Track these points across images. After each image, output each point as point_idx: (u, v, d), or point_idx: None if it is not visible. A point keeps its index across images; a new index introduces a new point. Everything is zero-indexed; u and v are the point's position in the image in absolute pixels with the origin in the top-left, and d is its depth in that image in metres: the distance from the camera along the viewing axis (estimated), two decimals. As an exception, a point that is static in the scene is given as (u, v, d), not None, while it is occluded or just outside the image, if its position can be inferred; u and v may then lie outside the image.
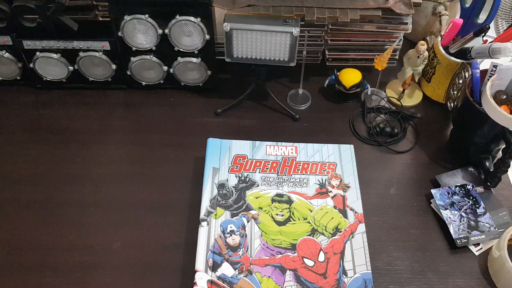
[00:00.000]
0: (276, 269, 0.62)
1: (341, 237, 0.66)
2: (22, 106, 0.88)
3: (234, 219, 0.67)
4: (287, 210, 0.68)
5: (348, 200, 0.70)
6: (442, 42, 0.84)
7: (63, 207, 0.73)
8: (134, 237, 0.70)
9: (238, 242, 0.65)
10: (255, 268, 0.62)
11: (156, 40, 0.81)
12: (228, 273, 0.61)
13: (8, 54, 0.83)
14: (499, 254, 0.65)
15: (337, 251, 0.64)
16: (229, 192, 0.69)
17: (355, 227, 0.67)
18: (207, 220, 0.67)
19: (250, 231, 0.66)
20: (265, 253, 0.64)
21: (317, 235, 0.66)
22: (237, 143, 0.76)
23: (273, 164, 0.73)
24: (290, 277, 0.62)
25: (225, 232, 0.65)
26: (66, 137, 0.83)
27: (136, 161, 0.80)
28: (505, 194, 0.77)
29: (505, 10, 0.96)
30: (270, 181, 0.71)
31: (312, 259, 0.63)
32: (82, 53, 0.83)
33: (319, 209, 0.69)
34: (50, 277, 0.66)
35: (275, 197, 0.70)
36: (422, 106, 0.90)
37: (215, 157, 0.74)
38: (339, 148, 0.76)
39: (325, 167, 0.73)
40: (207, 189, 0.70)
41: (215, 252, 0.63)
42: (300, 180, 0.72)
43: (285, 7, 0.83)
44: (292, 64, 0.80)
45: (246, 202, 0.69)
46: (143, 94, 0.90)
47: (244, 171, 0.72)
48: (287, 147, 0.76)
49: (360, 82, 0.87)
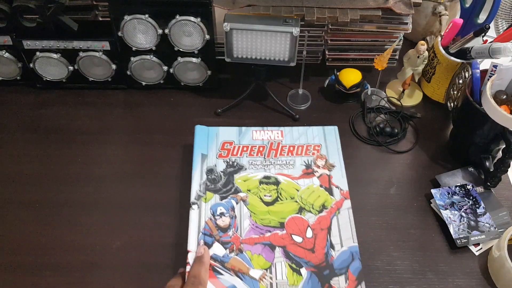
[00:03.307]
0: (265, 246, 0.65)
1: (328, 214, 0.68)
2: (22, 106, 0.88)
3: (223, 202, 0.69)
4: (274, 191, 0.70)
5: (333, 178, 0.72)
6: (442, 42, 0.84)
7: (63, 207, 0.73)
8: (134, 237, 0.70)
9: (228, 223, 0.66)
10: (245, 246, 0.64)
11: (156, 40, 0.81)
12: (220, 252, 0.63)
13: (8, 54, 0.84)
14: (499, 254, 0.65)
15: (324, 227, 0.67)
16: (218, 177, 0.71)
17: (341, 203, 0.69)
18: (197, 203, 0.68)
19: (239, 212, 0.68)
20: (254, 232, 0.66)
21: (304, 213, 0.68)
22: (224, 130, 0.78)
23: (260, 148, 0.75)
24: (279, 253, 0.64)
25: (215, 215, 0.67)
26: (66, 137, 0.83)
27: (136, 161, 0.80)
28: (505, 194, 0.77)
29: (505, 10, 0.96)
30: (257, 165, 0.73)
31: (300, 236, 0.65)
32: (82, 53, 0.83)
33: (305, 189, 0.71)
34: (50, 277, 0.66)
35: (263, 179, 0.72)
36: (422, 106, 0.90)
37: (203, 143, 0.75)
38: (324, 130, 0.78)
39: (310, 148, 0.76)
40: (196, 175, 0.71)
41: (206, 234, 0.65)
42: (286, 162, 0.74)
43: (285, 7, 0.83)
44: (292, 64, 0.80)
45: (234, 186, 0.71)
46: (143, 94, 0.90)
47: (232, 156, 0.74)
48: (273, 131, 0.78)
49: (360, 82, 0.87)
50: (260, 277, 0.61)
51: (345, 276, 0.62)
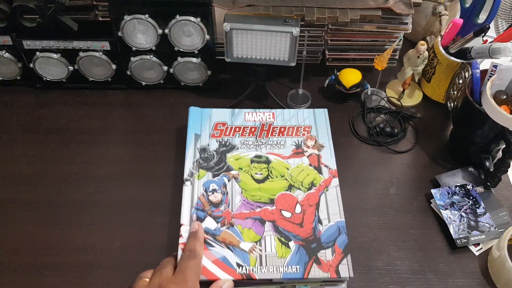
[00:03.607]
0: (256, 221, 0.67)
1: (316, 191, 0.70)
2: (22, 106, 0.88)
3: (215, 179, 0.71)
4: (265, 169, 0.73)
5: (322, 158, 0.74)
6: (442, 42, 0.84)
7: (63, 207, 0.73)
8: (134, 237, 0.70)
9: (220, 199, 0.69)
10: (236, 221, 0.67)
11: (156, 40, 0.81)
12: (211, 226, 0.66)
13: (8, 54, 0.84)
14: (499, 254, 0.65)
15: (313, 203, 0.69)
16: (211, 155, 0.74)
17: (329, 181, 0.72)
18: (190, 180, 0.71)
19: (231, 189, 0.70)
20: (245, 207, 0.68)
21: (294, 190, 0.70)
22: (217, 111, 0.80)
23: (252, 129, 0.78)
24: (269, 227, 0.66)
25: (208, 191, 0.70)
26: (66, 137, 0.83)
27: (136, 161, 0.80)
28: (505, 194, 0.77)
29: (505, 10, 0.96)
30: (249, 144, 0.76)
31: (289, 211, 0.68)
32: (82, 53, 0.83)
33: (295, 167, 0.73)
34: (50, 277, 0.66)
35: (254, 158, 0.74)
36: (422, 106, 0.90)
37: (197, 124, 0.78)
38: (314, 112, 0.81)
39: (300, 129, 0.78)
40: (189, 153, 0.74)
41: (199, 208, 0.68)
42: (277, 143, 0.76)
43: (285, 7, 0.83)
44: (292, 64, 0.80)
45: (226, 164, 0.73)
46: (143, 94, 0.90)
47: (225, 136, 0.77)
48: (265, 113, 0.80)
49: (360, 82, 0.87)
50: (250, 249, 0.64)
51: (331, 249, 0.64)
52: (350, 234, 0.70)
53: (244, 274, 0.62)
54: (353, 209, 0.74)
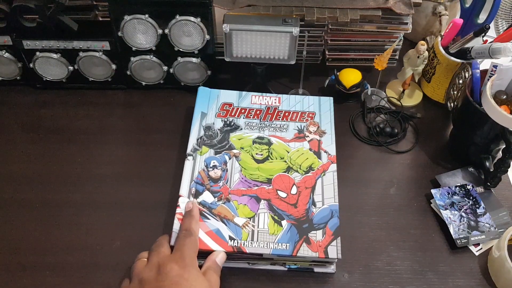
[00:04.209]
0: (251, 198, 0.69)
1: (314, 175, 0.72)
2: (22, 106, 0.88)
3: (217, 156, 0.74)
4: (266, 150, 0.75)
5: (323, 144, 0.76)
6: (442, 42, 0.84)
7: (62, 207, 0.73)
8: (134, 237, 0.70)
9: (220, 175, 0.71)
10: (233, 197, 0.69)
11: (156, 40, 0.81)
12: (208, 200, 0.68)
13: (8, 54, 0.84)
14: (499, 254, 0.65)
15: (309, 186, 0.71)
16: (215, 133, 0.76)
17: (327, 166, 0.73)
18: (193, 155, 0.74)
19: (231, 166, 0.73)
20: (243, 185, 0.71)
21: (291, 172, 0.72)
22: (225, 93, 0.83)
23: (257, 111, 0.80)
24: (263, 205, 0.69)
25: (208, 167, 0.72)
26: (66, 137, 0.83)
27: (136, 161, 0.80)
28: (505, 194, 0.77)
29: (505, 10, 0.96)
30: (253, 126, 0.78)
31: (285, 192, 0.70)
32: (82, 53, 0.83)
33: (295, 151, 0.75)
34: (50, 277, 0.66)
35: (256, 139, 0.76)
36: (422, 106, 0.90)
37: (204, 103, 0.81)
38: (319, 100, 0.83)
39: (304, 115, 0.80)
40: (194, 130, 0.77)
41: (198, 182, 0.70)
42: (280, 126, 0.78)
43: (285, 7, 0.83)
44: (292, 62, 0.80)
45: (229, 143, 0.76)
46: (143, 94, 0.90)
47: (230, 117, 0.79)
48: (271, 98, 0.83)
49: (360, 82, 0.87)
50: (243, 224, 0.66)
51: (322, 230, 0.66)
52: (350, 234, 0.70)
53: (235, 247, 0.64)
54: (353, 209, 0.74)
